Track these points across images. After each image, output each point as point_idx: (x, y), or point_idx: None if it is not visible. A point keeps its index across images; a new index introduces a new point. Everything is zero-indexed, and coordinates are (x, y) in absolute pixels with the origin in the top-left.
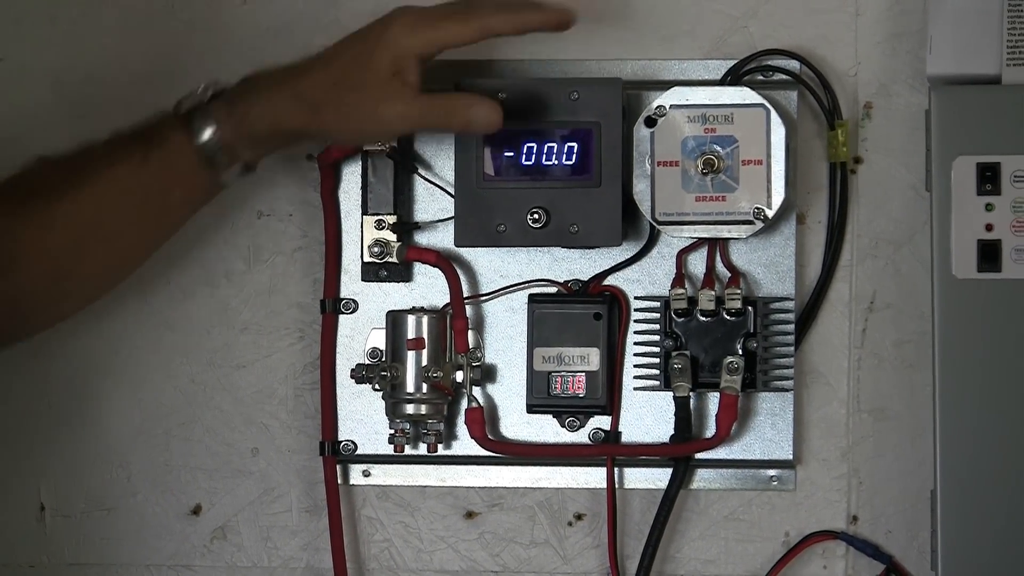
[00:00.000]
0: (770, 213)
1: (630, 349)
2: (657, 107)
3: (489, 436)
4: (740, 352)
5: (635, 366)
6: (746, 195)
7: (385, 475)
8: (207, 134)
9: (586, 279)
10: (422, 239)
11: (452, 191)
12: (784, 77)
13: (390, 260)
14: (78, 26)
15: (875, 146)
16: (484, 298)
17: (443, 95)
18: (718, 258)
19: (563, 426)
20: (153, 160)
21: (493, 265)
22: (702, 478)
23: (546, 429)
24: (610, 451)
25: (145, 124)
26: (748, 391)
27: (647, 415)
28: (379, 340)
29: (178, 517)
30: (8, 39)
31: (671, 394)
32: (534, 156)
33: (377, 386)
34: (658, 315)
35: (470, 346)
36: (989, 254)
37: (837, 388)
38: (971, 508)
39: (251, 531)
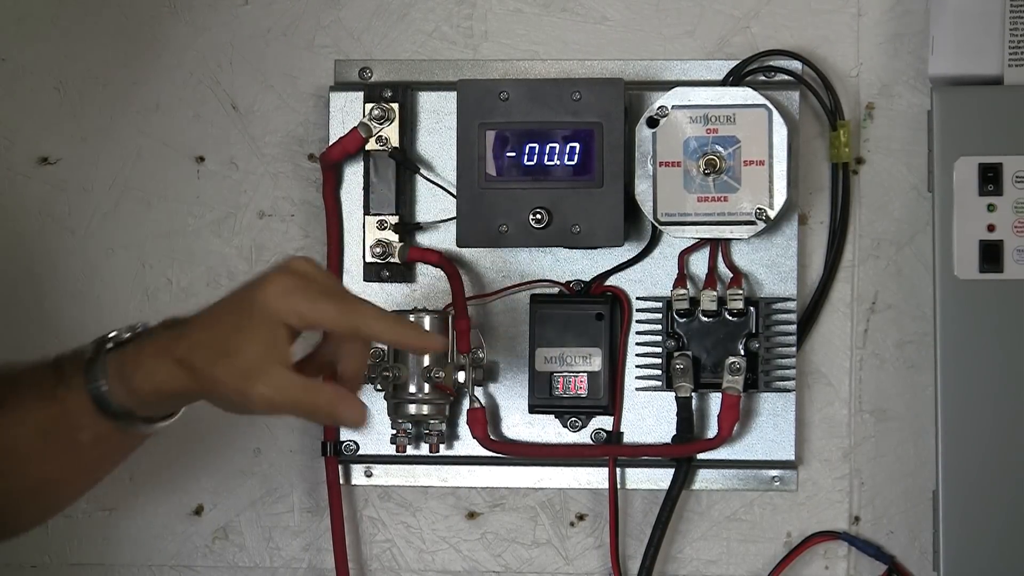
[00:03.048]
0: (772, 213)
1: (632, 349)
2: (659, 107)
3: (491, 436)
4: (742, 352)
5: (637, 366)
6: (748, 195)
7: (387, 475)
8: (99, 387)
9: (588, 279)
10: (424, 240)
11: (454, 191)
12: (786, 78)
13: (392, 261)
14: (78, 26)
15: (877, 147)
16: (486, 299)
17: (310, 386)
18: (720, 258)
19: (565, 426)
20: (59, 399)
21: (495, 266)
22: (704, 478)
23: (548, 429)
24: (612, 451)
25: (67, 356)
26: (750, 391)
27: (649, 415)
28: None
29: (180, 517)
30: (9, 39)
31: (673, 394)
32: (536, 156)
33: (379, 386)
34: (660, 315)
35: (472, 346)
36: (991, 255)
37: (839, 388)
38: (973, 509)
39: (253, 531)
